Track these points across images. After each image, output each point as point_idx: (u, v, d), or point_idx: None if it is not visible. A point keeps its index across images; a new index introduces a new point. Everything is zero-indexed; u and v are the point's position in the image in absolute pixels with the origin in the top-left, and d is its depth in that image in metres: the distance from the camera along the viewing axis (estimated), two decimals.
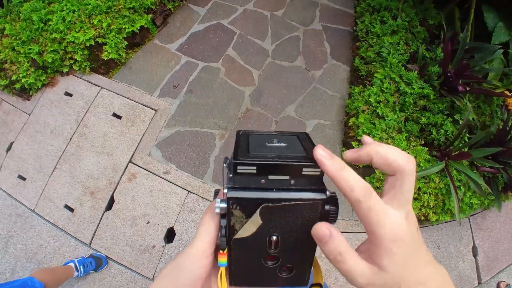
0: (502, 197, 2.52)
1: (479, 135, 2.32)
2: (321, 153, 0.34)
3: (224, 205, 0.37)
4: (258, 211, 0.36)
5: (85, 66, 2.68)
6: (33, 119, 2.64)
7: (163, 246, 2.26)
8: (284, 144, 0.39)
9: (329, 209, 0.37)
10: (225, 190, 0.36)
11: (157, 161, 2.48)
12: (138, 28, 2.80)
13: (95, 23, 2.60)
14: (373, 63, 2.79)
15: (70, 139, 2.54)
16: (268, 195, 0.36)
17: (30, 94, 2.70)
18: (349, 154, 0.37)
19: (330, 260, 0.35)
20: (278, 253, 0.39)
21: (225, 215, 0.37)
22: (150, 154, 2.51)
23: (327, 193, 0.36)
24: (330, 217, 0.37)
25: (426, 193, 2.29)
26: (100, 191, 2.39)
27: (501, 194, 2.50)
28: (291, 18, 3.38)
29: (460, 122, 2.39)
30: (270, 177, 0.36)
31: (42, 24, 2.58)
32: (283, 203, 0.35)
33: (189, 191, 2.38)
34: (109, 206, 2.36)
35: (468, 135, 2.42)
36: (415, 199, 2.30)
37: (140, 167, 2.46)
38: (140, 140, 2.54)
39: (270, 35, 3.23)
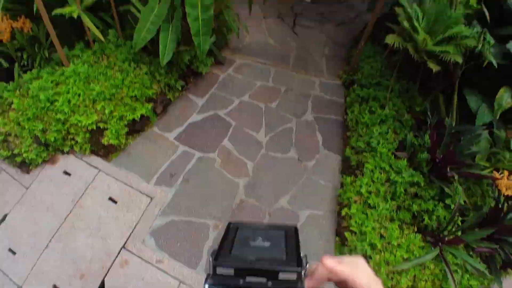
0: (502, 274, 2.96)
1: (471, 218, 2.91)
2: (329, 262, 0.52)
3: None
4: None
5: (86, 148, 3.39)
6: (30, 194, 3.26)
7: None
8: (267, 244, 0.51)
9: None
10: (206, 286, 0.47)
11: (150, 249, 3.07)
12: (139, 116, 3.57)
13: (98, 108, 3.35)
14: (363, 153, 3.53)
15: (65, 218, 3.14)
16: None
17: (30, 168, 3.33)
18: (329, 263, 0.54)
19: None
20: None
21: None
22: (144, 241, 3.12)
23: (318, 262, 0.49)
24: None
25: (423, 280, 2.81)
26: (91, 274, 2.94)
27: (501, 272, 2.94)
28: (284, 110, 4.29)
29: (452, 206, 2.98)
30: (248, 279, 0.47)
31: (49, 103, 3.28)
32: None
33: (181, 281, 2.92)
34: None
35: (461, 218, 3.02)
36: (411, 286, 2.80)
37: (133, 253, 3.03)
38: (135, 227, 3.16)
39: (264, 126, 4.08)
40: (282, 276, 0.48)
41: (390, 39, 3.37)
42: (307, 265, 0.54)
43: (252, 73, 4.65)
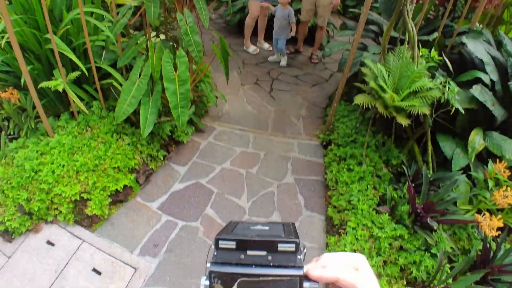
0: None
1: (460, 264, 3.00)
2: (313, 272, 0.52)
3: (207, 282, 0.52)
4: (236, 284, 0.49)
5: (69, 218, 3.53)
6: (12, 263, 3.32)
7: None
8: (267, 228, 0.56)
9: (309, 286, 0.51)
10: (208, 265, 0.51)
11: None
12: (122, 187, 3.76)
13: (82, 179, 3.54)
14: (345, 211, 3.69)
15: None
16: (247, 271, 0.50)
17: (13, 237, 3.44)
18: (313, 273, 0.53)
19: None
20: None
21: None
22: None
23: (304, 269, 0.51)
24: None
25: None
26: None
27: None
28: (265, 174, 4.53)
29: (438, 255, 3.06)
30: (249, 252, 0.51)
31: (33, 173, 3.47)
32: (260, 278, 0.49)
33: None
34: None
35: (449, 265, 3.11)
36: None
37: None
38: None
39: (246, 192, 4.28)
40: (281, 247, 0.52)
41: (359, 99, 3.68)
42: (305, 250, 0.58)
43: (232, 140, 4.97)
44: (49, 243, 3.52)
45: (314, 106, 6.00)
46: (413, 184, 3.50)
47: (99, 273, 3.38)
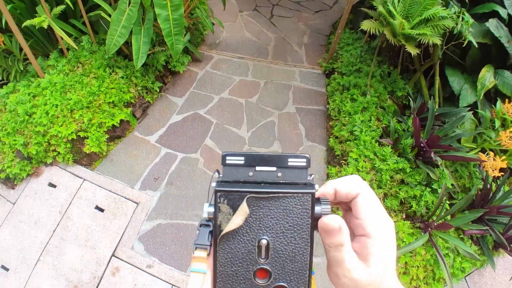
0: (494, 254, 3.14)
1: (459, 202, 3.04)
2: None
3: (212, 209, 0.50)
4: (244, 200, 0.48)
5: (68, 158, 3.56)
6: (17, 209, 3.44)
7: None
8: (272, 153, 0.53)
9: (321, 209, 0.50)
10: (213, 184, 0.49)
11: (140, 255, 3.26)
12: (118, 122, 3.73)
13: (77, 117, 3.50)
14: (347, 142, 3.68)
15: (54, 231, 3.34)
16: (256, 188, 0.49)
17: (15, 183, 3.51)
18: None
19: (327, 248, 0.50)
20: (270, 264, 0.50)
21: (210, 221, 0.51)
22: (133, 247, 3.32)
23: (316, 187, 0.50)
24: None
25: (414, 267, 2.92)
26: (84, 285, 3.15)
27: (493, 252, 3.14)
28: (265, 103, 4.48)
29: (439, 191, 3.11)
30: (258, 168, 0.50)
31: (27, 116, 3.44)
32: (271, 195, 0.48)
33: (172, 285, 3.12)
34: None
35: (449, 202, 3.16)
36: (403, 273, 2.97)
37: (124, 261, 3.23)
38: (123, 234, 3.36)
39: (246, 122, 4.27)
40: (291, 161, 0.51)
41: (366, 25, 3.49)
42: (312, 176, 0.54)
43: (231, 69, 4.84)
44: (51, 185, 3.56)
45: (316, 33, 5.76)
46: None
47: (102, 210, 3.46)
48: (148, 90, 4.18)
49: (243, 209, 0.48)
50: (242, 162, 0.51)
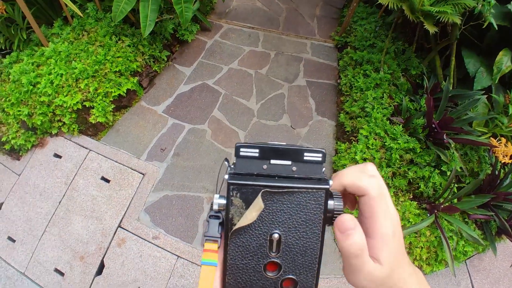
0: (496, 240, 3.16)
1: (468, 186, 3.02)
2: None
3: (223, 201, 0.50)
4: (259, 194, 0.47)
5: (74, 128, 3.53)
6: (23, 180, 3.44)
7: None
8: (284, 143, 0.53)
9: (333, 205, 0.50)
10: (226, 176, 0.48)
11: (146, 226, 3.28)
12: (125, 91, 3.68)
13: (82, 87, 3.44)
14: (358, 118, 3.63)
15: (60, 202, 3.34)
16: (270, 183, 0.48)
17: (20, 154, 3.50)
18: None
19: (345, 253, 0.48)
20: (280, 258, 0.50)
21: (220, 213, 0.51)
22: (139, 219, 3.33)
23: (330, 183, 0.49)
24: (336, 213, 0.50)
25: (418, 247, 3.00)
26: (90, 256, 3.17)
27: (495, 238, 3.16)
28: (275, 75, 4.40)
29: (448, 173, 3.11)
30: (272, 161, 0.49)
31: (31, 86, 3.40)
32: (285, 189, 0.48)
33: (178, 256, 3.15)
34: (99, 271, 3.13)
35: (457, 185, 3.15)
36: (407, 253, 2.92)
37: (129, 232, 3.25)
38: (129, 205, 3.36)
39: (255, 94, 4.20)
40: (307, 156, 0.50)
41: None
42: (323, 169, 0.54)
43: (240, 38, 4.73)
44: (56, 156, 3.54)
45: (330, 5, 5.57)
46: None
47: (107, 181, 3.45)
48: (156, 59, 4.10)
49: (258, 204, 0.47)
50: (257, 154, 0.50)
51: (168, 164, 3.61)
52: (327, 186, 0.49)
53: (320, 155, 0.50)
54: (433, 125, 3.22)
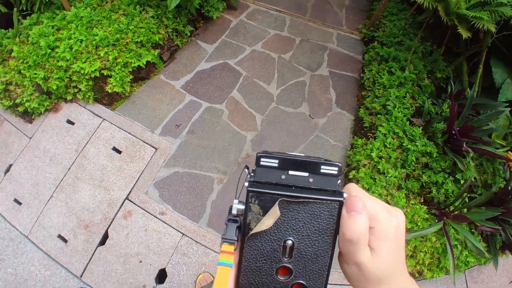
0: (499, 254, 3.11)
1: (480, 198, 2.96)
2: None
3: (241, 206, 0.51)
4: (277, 203, 0.48)
5: (89, 96, 3.43)
6: (34, 144, 3.36)
7: (153, 287, 2.98)
8: (302, 154, 0.54)
9: None
10: (246, 184, 0.49)
11: (153, 201, 3.20)
12: (144, 63, 3.56)
13: (102, 55, 3.33)
14: (378, 115, 3.52)
15: (69, 168, 3.26)
16: (287, 192, 0.49)
17: (33, 117, 3.41)
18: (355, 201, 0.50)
19: (345, 234, 0.49)
20: (292, 263, 0.51)
21: (239, 217, 0.52)
22: (147, 193, 3.25)
23: (344, 195, 0.50)
24: None
25: (422, 252, 2.94)
26: (95, 225, 3.10)
27: (499, 252, 3.10)
28: (298, 62, 4.25)
29: (462, 181, 3.04)
30: (291, 172, 0.50)
31: (50, 50, 3.29)
32: (301, 199, 0.48)
33: (183, 234, 3.08)
34: (102, 241, 3.06)
35: (468, 195, 3.06)
36: (410, 256, 2.94)
37: (137, 205, 3.17)
38: (138, 178, 3.28)
39: (276, 79, 4.07)
40: (324, 169, 0.51)
41: None
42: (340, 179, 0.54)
43: (266, 21, 4.57)
44: (69, 122, 3.45)
45: None
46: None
47: (119, 152, 3.36)
48: (179, 33, 3.97)
49: (275, 213, 0.49)
50: (276, 165, 0.51)
51: (181, 141, 3.52)
52: (341, 199, 0.50)
53: (336, 168, 0.51)
54: (453, 132, 3.11)
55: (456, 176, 3.08)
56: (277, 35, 4.45)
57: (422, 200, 3.13)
